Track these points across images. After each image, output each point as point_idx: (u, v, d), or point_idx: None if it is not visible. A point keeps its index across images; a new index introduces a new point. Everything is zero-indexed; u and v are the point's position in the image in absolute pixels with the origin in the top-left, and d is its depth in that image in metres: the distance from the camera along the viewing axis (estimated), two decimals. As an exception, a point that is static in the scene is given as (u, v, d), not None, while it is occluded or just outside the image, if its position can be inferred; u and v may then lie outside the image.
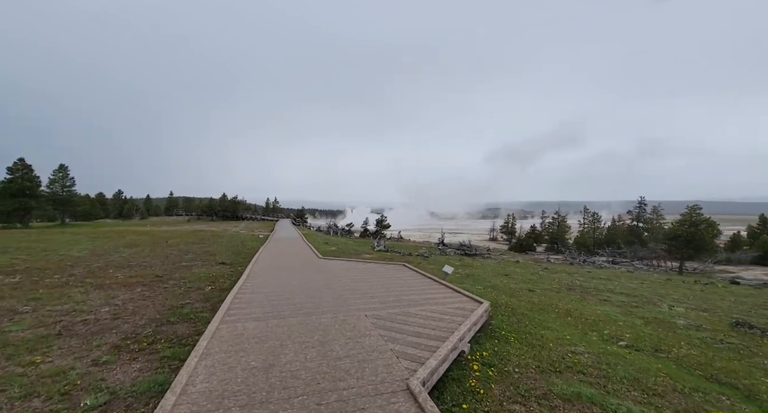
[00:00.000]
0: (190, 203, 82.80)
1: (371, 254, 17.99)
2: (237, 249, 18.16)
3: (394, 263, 11.47)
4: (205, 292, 9.00)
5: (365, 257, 16.64)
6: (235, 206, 70.70)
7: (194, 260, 14.54)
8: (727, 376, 4.57)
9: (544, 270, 16.39)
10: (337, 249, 19.62)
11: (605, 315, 7.47)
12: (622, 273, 19.15)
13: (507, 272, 13.84)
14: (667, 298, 10.44)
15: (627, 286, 12.88)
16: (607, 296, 9.74)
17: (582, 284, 11.77)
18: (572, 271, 18.23)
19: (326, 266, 11.03)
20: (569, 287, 10.84)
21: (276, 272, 10.27)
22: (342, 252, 17.83)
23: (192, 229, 37.44)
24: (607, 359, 4.73)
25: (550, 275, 14.20)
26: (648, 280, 16.04)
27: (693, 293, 12.39)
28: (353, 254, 17.36)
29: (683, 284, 15.31)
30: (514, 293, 9.07)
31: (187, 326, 6.46)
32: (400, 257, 17.86)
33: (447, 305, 6.33)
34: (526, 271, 15.19)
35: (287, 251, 16.05)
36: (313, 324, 5.36)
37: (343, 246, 23.05)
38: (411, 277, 9.16)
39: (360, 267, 10.81)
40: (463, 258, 20.76)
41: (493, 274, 13.04)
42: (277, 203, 78.78)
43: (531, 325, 6.10)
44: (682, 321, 7.18)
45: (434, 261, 16.73)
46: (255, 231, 36.63)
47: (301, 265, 11.36)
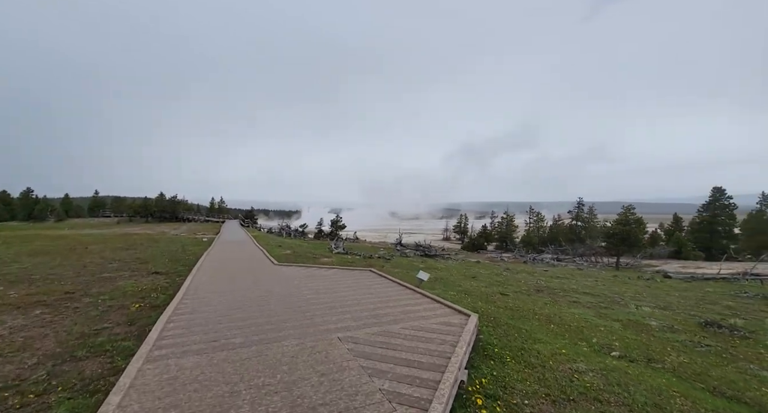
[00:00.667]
0: (120, 203, 73.94)
1: (330, 258, 16.81)
2: (175, 255, 15.89)
3: (360, 269, 10.49)
4: (131, 312, 7.32)
5: (324, 261, 15.44)
6: (174, 206, 64.42)
7: (120, 269, 12.30)
8: (729, 388, 4.36)
9: (506, 271, 16.48)
10: (293, 253, 18.13)
11: (583, 319, 7.26)
12: (574, 271, 20.11)
13: (473, 275, 13.56)
14: (625, 296, 10.78)
15: (585, 284, 13.25)
16: (576, 298, 9.75)
17: (547, 285, 11.81)
18: (530, 270, 18.66)
19: (283, 275, 9.72)
20: (537, 289, 10.75)
21: (224, 282, 8.76)
22: (298, 256, 16.43)
23: (121, 232, 33.07)
24: (614, 378, 4.25)
25: (513, 276, 14.19)
26: (599, 277, 16.88)
27: (642, 289, 13.09)
28: (311, 258, 16.06)
29: (629, 281, 16.30)
30: (489, 299, 8.63)
31: (99, 362, 4.95)
32: (362, 261, 16.90)
33: (431, 320, 5.53)
34: (489, 272, 15.09)
35: (236, 257, 14.29)
36: (274, 356, 4.23)
37: (299, 249, 21.51)
38: (382, 285, 8.27)
39: (323, 275, 9.67)
40: (425, 260, 20.37)
41: (461, 276, 12.66)
42: (223, 204, 73.36)
43: (520, 338, 5.53)
44: (654, 323, 7.21)
45: (398, 264, 16.04)
46: (198, 234, 33.30)
47: (253, 273, 9.90)
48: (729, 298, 11.52)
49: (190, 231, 36.67)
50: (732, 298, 11.54)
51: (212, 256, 14.61)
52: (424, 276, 8.01)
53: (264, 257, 14.12)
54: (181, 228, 42.26)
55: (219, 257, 13.94)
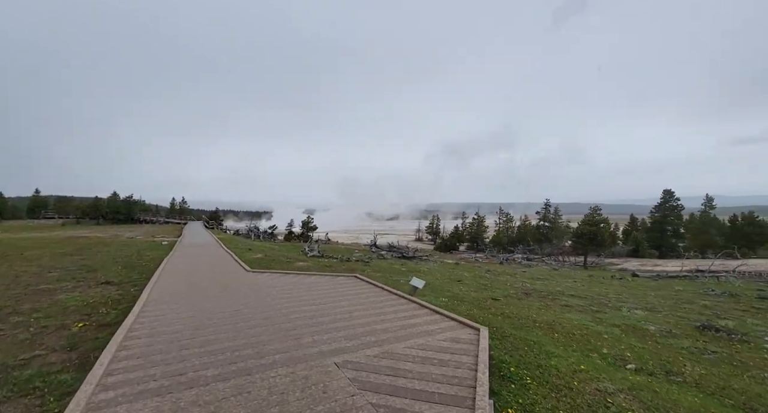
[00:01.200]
0: (66, 203, 67.39)
1: (306, 262, 15.80)
2: (130, 261, 14.21)
3: (344, 275, 9.69)
4: (72, 333, 6.10)
5: (300, 265, 14.43)
6: (129, 207, 59.73)
7: (62, 279, 10.67)
8: (759, 403, 4.10)
9: (487, 273, 16.29)
10: (265, 257, 16.90)
11: (583, 325, 6.99)
12: (551, 272, 20.42)
13: (458, 278, 13.17)
14: (609, 298, 10.82)
15: (567, 286, 13.28)
16: (565, 301, 9.57)
17: (533, 288, 11.64)
18: (509, 271, 18.67)
19: (258, 283, 8.71)
20: (525, 292, 10.52)
21: (189, 294, 7.63)
22: (271, 261, 15.27)
23: (66, 235, 29.84)
24: (647, 399, 3.84)
25: (496, 278, 13.98)
26: (576, 278, 17.16)
27: (621, 290, 13.33)
28: (285, 263, 14.97)
29: (604, 281, 16.70)
30: (482, 305, 8.18)
31: (24, 406, 3.86)
32: (340, 264, 16.04)
33: (437, 336, 4.90)
34: (473, 274, 14.79)
35: (202, 262, 12.93)
36: (259, 393, 3.40)
37: (271, 252, 20.23)
38: (371, 293, 7.55)
39: (303, 282, 8.76)
40: (405, 262, 19.84)
41: (446, 280, 12.21)
42: (185, 204, 69.08)
43: (532, 352, 5.05)
44: (652, 327, 7.08)
45: (378, 267, 15.35)
46: (157, 237, 30.77)
47: (223, 283, 8.79)
48: (700, 297, 11.93)
49: (148, 234, 33.85)
50: (702, 297, 11.96)
51: (174, 262, 13.15)
52: (419, 284, 7.39)
53: (234, 263, 12.89)
54: (138, 231, 39.01)
55: (182, 264, 12.55)
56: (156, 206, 72.52)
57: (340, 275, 9.76)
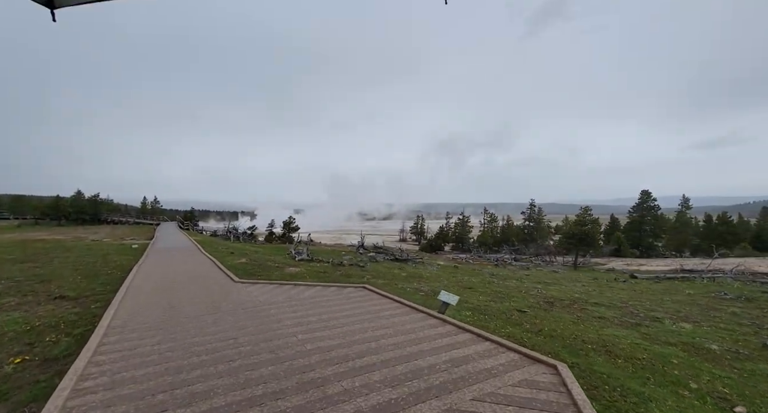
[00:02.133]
0: (22, 203, 62.09)
1: (297, 267, 14.33)
2: (93, 269, 12.31)
3: (351, 286, 8.38)
4: (3, 375, 4.56)
5: (292, 272, 12.98)
6: (96, 206, 55.64)
7: (5, 293, 8.84)
8: None
9: (492, 277, 15.36)
10: (250, 262, 15.31)
11: (636, 345, 6.05)
12: (551, 274, 19.75)
13: (467, 284, 12.13)
14: (632, 304, 10.07)
15: (579, 291, 12.52)
16: (594, 311, 8.68)
17: (551, 295, 10.74)
18: (512, 274, 17.84)
19: (251, 298, 7.27)
20: (547, 301, 9.57)
21: (165, 318, 6.11)
22: (259, 266, 13.72)
23: (20, 238, 26.88)
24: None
25: (504, 283, 13.05)
26: (580, 280, 16.53)
27: (632, 293, 12.70)
28: (274, 268, 13.48)
29: (610, 283, 16.15)
30: (512, 319, 7.12)
31: None
32: (333, 269, 14.67)
33: (504, 378, 3.74)
34: (479, 280, 13.80)
35: (179, 270, 11.24)
36: None
37: (255, 256, 18.59)
38: (392, 311, 6.30)
39: (306, 297, 7.39)
40: (402, 266, 18.67)
41: (454, 287, 11.13)
42: (157, 204, 65.19)
43: (618, 395, 3.97)
44: (714, 347, 6.24)
45: (377, 272, 14.11)
46: (126, 239, 28.28)
47: (208, 297, 7.29)
48: (719, 302, 11.42)
49: (116, 236, 31.15)
50: (720, 302, 11.47)
51: (146, 270, 11.40)
52: (452, 300, 6.19)
53: (216, 270, 11.30)
54: (104, 232, 35.99)
55: (155, 272, 10.84)
56: (125, 206, 68.16)
57: (347, 286, 8.43)
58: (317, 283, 8.94)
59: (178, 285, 8.53)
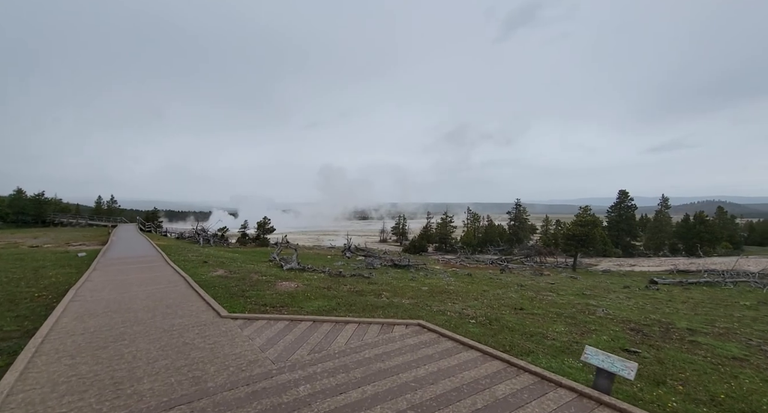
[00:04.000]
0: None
1: (291, 281, 11.60)
2: (13, 292, 8.96)
3: (398, 321, 5.79)
4: None
5: (288, 289, 10.28)
6: (40, 206, 49.13)
7: None
8: None
9: (522, 288, 13.29)
10: (229, 274, 12.40)
11: None
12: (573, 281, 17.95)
13: (509, 301, 9.97)
14: (722, 326, 8.36)
15: (633, 306, 10.75)
16: (706, 345, 6.76)
17: (623, 316, 8.80)
18: (535, 283, 15.93)
19: (257, 359, 4.52)
20: (635, 329, 7.54)
21: (107, 394, 3.41)
22: (243, 282, 10.87)
23: (-67, 245, 22.07)
24: None
25: (550, 300, 11.00)
26: (614, 290, 14.82)
27: (689, 307, 11.12)
28: (262, 283, 10.71)
29: (642, 293, 14.63)
30: (655, 377, 5.03)
31: None
32: (335, 282, 12.08)
33: None
34: (517, 295, 11.61)
35: (135, 296, 8.16)
36: None
37: (233, 265, 15.59)
38: (509, 385, 3.92)
39: (340, 349, 4.67)
40: (411, 275, 16.31)
41: (500, 305, 8.98)
42: (114, 203, 58.82)
43: None
44: None
45: (390, 287, 11.67)
46: (72, 245, 24.03)
47: (183, 361, 4.50)
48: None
49: (62, 241, 26.63)
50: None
51: (88, 294, 8.32)
52: (622, 369, 3.64)
53: (189, 292, 8.40)
54: (49, 236, 31.03)
55: (101, 299, 7.80)
56: (77, 206, 61.20)
57: (393, 321, 5.74)
58: (345, 318, 6.23)
59: (132, 329, 5.57)
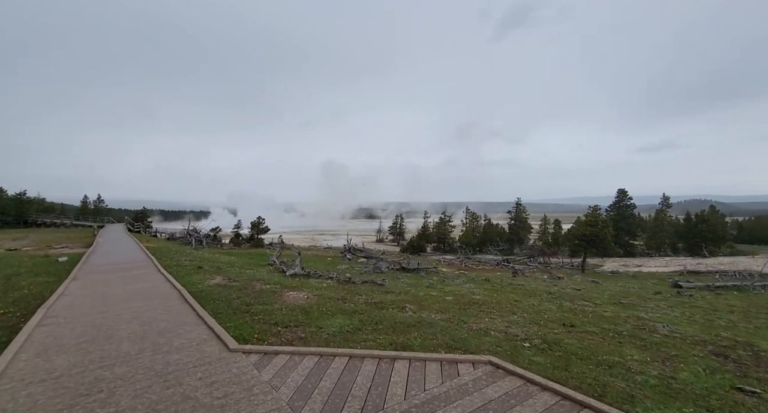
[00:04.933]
0: None
1: (299, 290, 10.30)
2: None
3: (462, 358, 4.43)
4: None
5: (299, 301, 8.99)
6: (21, 206, 46.78)
7: None
8: None
9: (551, 296, 12.17)
10: (228, 282, 11.06)
11: None
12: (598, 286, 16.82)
13: (550, 315, 8.85)
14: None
15: (680, 317, 9.73)
16: None
17: (679, 331, 7.76)
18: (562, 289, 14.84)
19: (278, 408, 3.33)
20: (717, 354, 6.52)
21: None
22: (245, 293, 9.54)
23: None
24: None
25: (584, 310, 9.95)
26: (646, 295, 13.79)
27: (741, 319, 10.13)
28: (268, 295, 9.40)
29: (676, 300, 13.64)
30: None
31: None
32: (348, 292, 10.81)
33: None
34: (555, 305, 10.51)
35: (118, 317, 6.69)
36: None
37: (232, 271, 14.22)
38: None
39: (401, 408, 3.52)
40: (426, 281, 15.10)
41: (545, 321, 7.85)
42: (101, 203, 56.47)
43: None
44: None
45: (411, 297, 10.45)
46: (54, 247, 22.34)
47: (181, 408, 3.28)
48: None
49: (43, 243, 24.85)
50: None
51: (62, 310, 6.94)
52: None
53: (185, 311, 7.06)
54: (30, 238, 29.14)
55: (77, 320, 6.42)
56: (62, 206, 58.72)
57: (457, 358, 4.37)
58: (391, 352, 4.73)
59: (113, 371, 4.11)
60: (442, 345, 5.55)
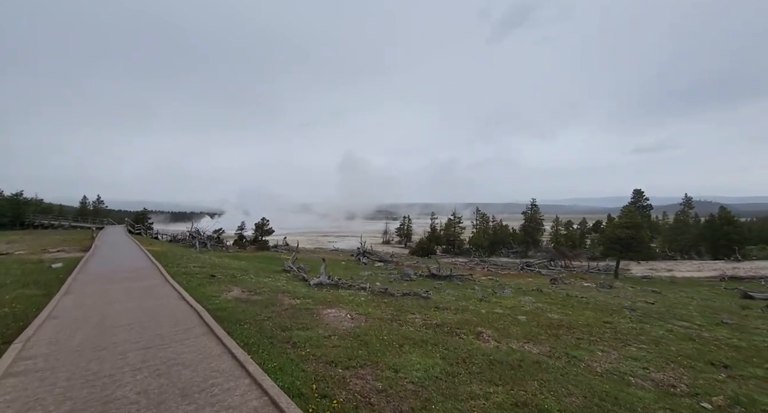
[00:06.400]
0: None
1: (336, 306, 8.53)
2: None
3: None
4: None
5: (343, 323, 7.20)
6: (18, 207, 45.00)
7: None
8: None
9: (634, 314, 10.34)
10: (248, 296, 9.29)
11: None
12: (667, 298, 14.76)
13: (673, 343, 7.08)
14: None
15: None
16: None
17: None
18: (627, 302, 13.01)
19: None
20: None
21: None
22: (275, 312, 7.77)
23: None
24: None
25: (676, 329, 8.18)
26: (734, 311, 11.91)
27: None
28: (303, 315, 7.63)
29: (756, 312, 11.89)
30: None
31: None
32: (393, 307, 9.03)
33: None
34: (634, 324, 8.78)
35: (120, 352, 4.91)
36: None
37: (245, 278, 12.49)
38: None
39: None
40: (460, 288, 13.31)
41: (668, 352, 6.11)
42: (101, 204, 54.69)
43: None
44: None
45: (469, 312, 8.67)
46: (50, 251, 20.54)
47: None
48: None
49: (39, 247, 23.03)
50: None
51: (45, 347, 5.19)
52: None
53: (209, 344, 5.30)
54: (25, 240, 27.32)
55: (63, 364, 4.67)
56: (60, 207, 56.96)
57: None
58: None
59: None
60: (587, 409, 3.80)
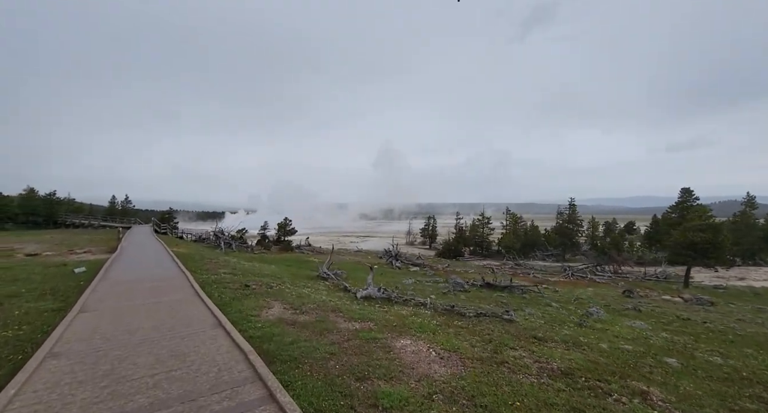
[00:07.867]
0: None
1: (418, 338, 6.58)
2: None
3: None
4: None
5: (434, 364, 5.22)
6: (51, 206, 45.73)
7: None
8: None
9: None
10: (292, 313, 7.49)
11: None
12: None
13: None
14: None
15: None
16: None
17: None
18: (740, 324, 10.52)
19: None
20: None
21: None
22: (335, 343, 5.90)
23: None
24: None
25: None
26: None
27: None
28: (373, 347, 5.74)
29: None
30: None
31: None
32: (470, 331, 7.03)
33: None
34: None
35: (133, 397, 3.37)
36: None
37: (282, 289, 10.75)
38: None
39: None
40: (542, 306, 11.10)
41: None
42: (129, 204, 55.19)
43: None
44: None
45: (587, 348, 6.55)
46: (76, 251, 19.69)
47: None
48: None
49: (66, 246, 22.31)
50: None
51: (45, 393, 3.57)
52: None
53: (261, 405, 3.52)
54: (54, 240, 26.88)
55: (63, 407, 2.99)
56: (90, 206, 57.97)
57: None
58: None
59: None
60: None
